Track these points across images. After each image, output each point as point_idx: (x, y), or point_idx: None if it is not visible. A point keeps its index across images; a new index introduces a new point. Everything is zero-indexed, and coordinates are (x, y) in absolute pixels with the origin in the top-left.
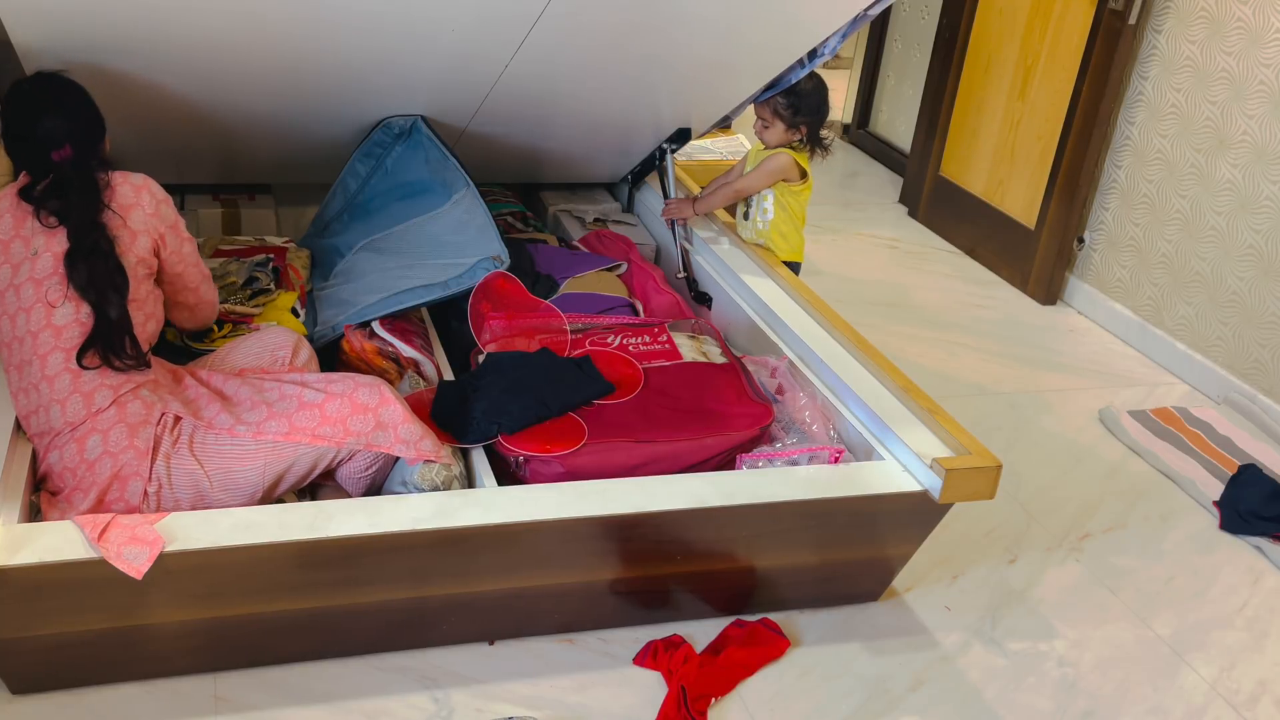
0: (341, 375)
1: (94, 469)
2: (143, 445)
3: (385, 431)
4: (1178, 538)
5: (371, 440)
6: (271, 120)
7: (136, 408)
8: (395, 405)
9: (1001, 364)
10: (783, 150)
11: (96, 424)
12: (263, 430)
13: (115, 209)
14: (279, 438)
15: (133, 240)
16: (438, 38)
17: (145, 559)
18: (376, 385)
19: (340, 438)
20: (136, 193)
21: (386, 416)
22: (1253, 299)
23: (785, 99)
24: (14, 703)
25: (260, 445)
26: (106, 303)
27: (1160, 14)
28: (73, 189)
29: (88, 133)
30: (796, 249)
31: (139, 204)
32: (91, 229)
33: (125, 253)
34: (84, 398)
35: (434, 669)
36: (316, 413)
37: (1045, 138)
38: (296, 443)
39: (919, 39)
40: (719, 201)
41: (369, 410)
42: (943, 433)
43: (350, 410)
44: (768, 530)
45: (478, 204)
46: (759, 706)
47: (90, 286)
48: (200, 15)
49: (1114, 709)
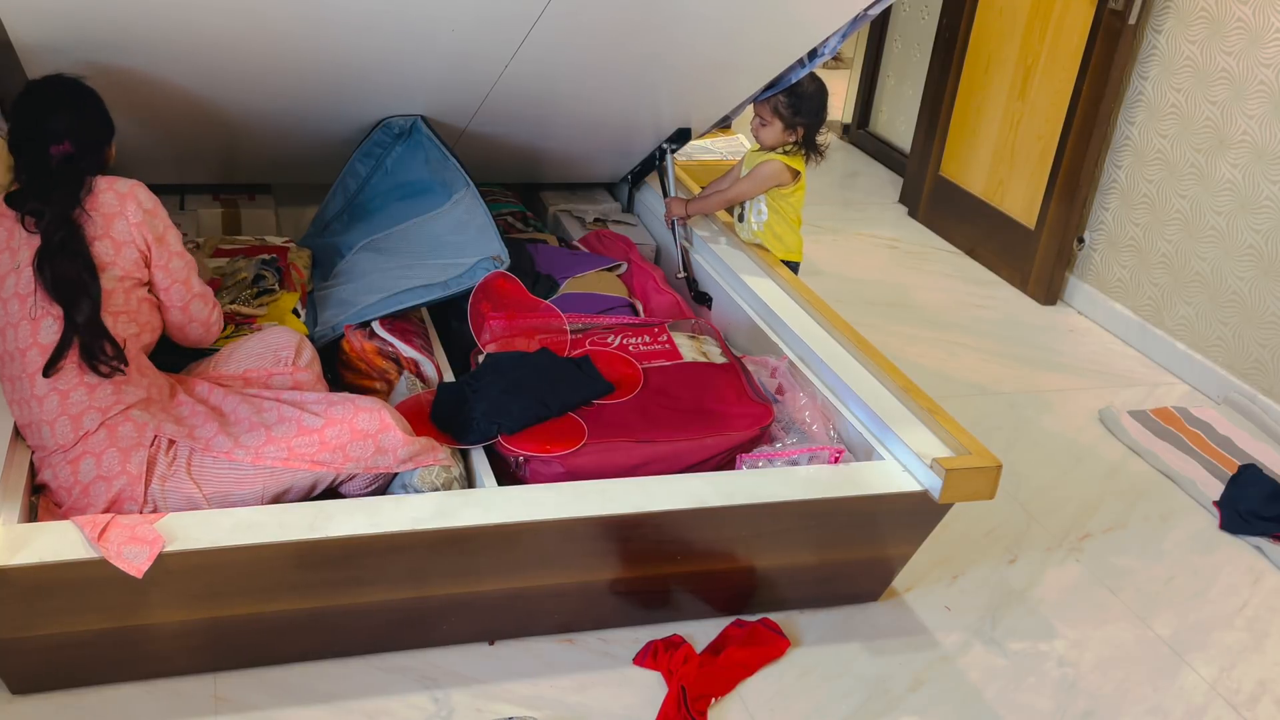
0: (341, 397)
1: (89, 492)
2: (136, 470)
3: (385, 455)
4: (1178, 538)
5: (371, 464)
6: (271, 120)
7: (128, 430)
8: (395, 431)
9: (1001, 364)
10: (773, 158)
11: (88, 446)
12: (261, 455)
13: (97, 216)
14: (277, 463)
15: (117, 251)
16: (438, 38)
17: (145, 558)
18: (377, 411)
19: (340, 463)
20: (121, 201)
21: (387, 442)
22: (1253, 299)
23: (787, 98)
24: (14, 703)
25: (259, 470)
26: (75, 306)
27: (1160, 14)
28: (56, 187)
29: (91, 133)
30: (794, 249)
31: (123, 213)
32: (62, 225)
33: (110, 264)
34: (71, 420)
35: (434, 669)
36: (315, 438)
37: (1045, 138)
38: (295, 469)
39: (919, 39)
40: (712, 206)
41: (369, 437)
42: (943, 433)
43: (350, 437)
44: (768, 530)
45: (478, 204)
46: (759, 706)
47: (57, 287)
48: (200, 14)
49: (1114, 709)
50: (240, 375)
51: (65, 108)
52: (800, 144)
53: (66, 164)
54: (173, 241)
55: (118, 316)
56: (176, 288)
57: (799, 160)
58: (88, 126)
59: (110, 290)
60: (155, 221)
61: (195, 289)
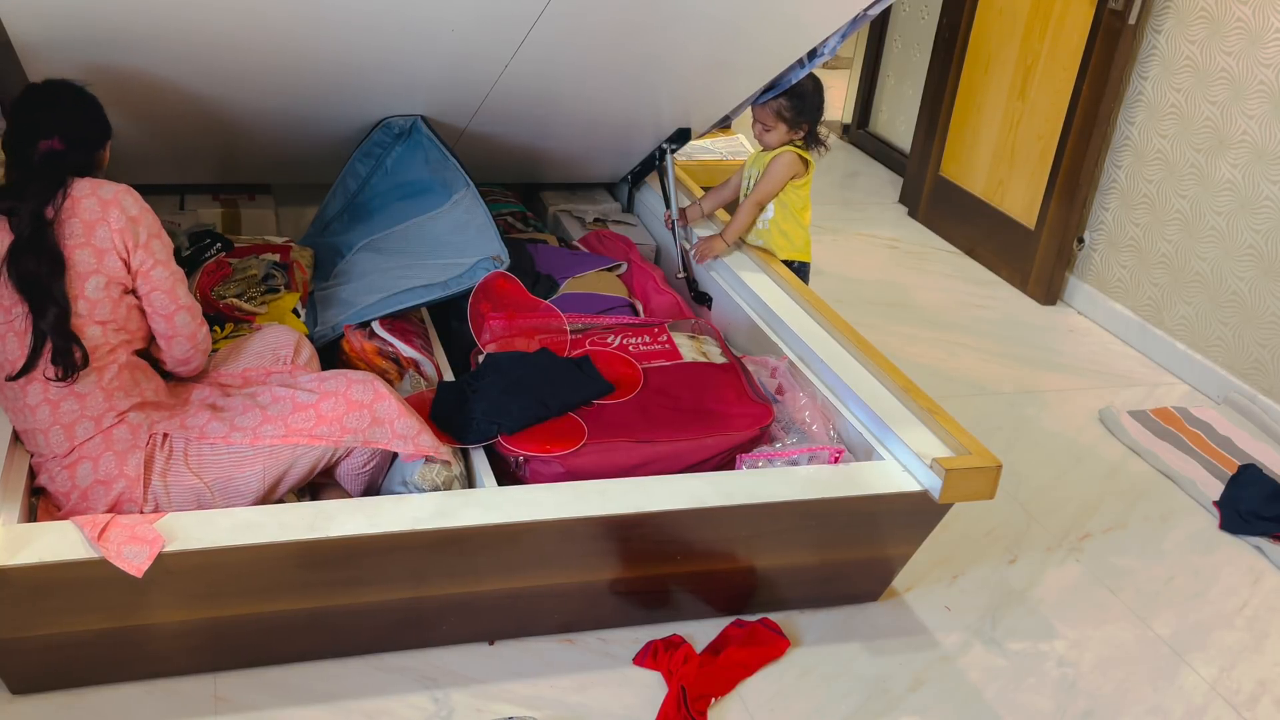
0: (334, 373)
1: (88, 497)
2: (134, 471)
3: (382, 427)
4: (1178, 538)
5: (369, 437)
6: (271, 119)
7: (123, 432)
8: (390, 400)
9: (1001, 364)
10: (785, 149)
11: (84, 452)
12: (259, 435)
13: (77, 223)
14: (276, 441)
15: (100, 259)
16: (438, 38)
17: (145, 557)
18: (370, 381)
19: (337, 436)
20: (104, 208)
21: (382, 412)
22: (1253, 299)
23: (789, 101)
24: (14, 703)
25: (258, 450)
26: (40, 307)
27: (1160, 14)
28: (33, 181)
29: (83, 130)
30: (802, 248)
31: (104, 219)
32: (32, 221)
33: (93, 272)
34: (64, 429)
35: (434, 669)
36: (312, 413)
37: (1045, 138)
38: (294, 444)
39: (919, 39)
40: (745, 220)
41: (364, 406)
42: (943, 433)
43: (346, 408)
44: (767, 530)
45: (478, 204)
46: (759, 706)
47: (22, 285)
48: (200, 14)
49: (1114, 709)
50: (240, 374)
51: (59, 106)
52: (805, 140)
53: (50, 160)
54: (157, 250)
55: (106, 325)
56: (158, 296)
57: (807, 154)
58: (79, 125)
59: (96, 300)
60: (139, 228)
61: (181, 300)
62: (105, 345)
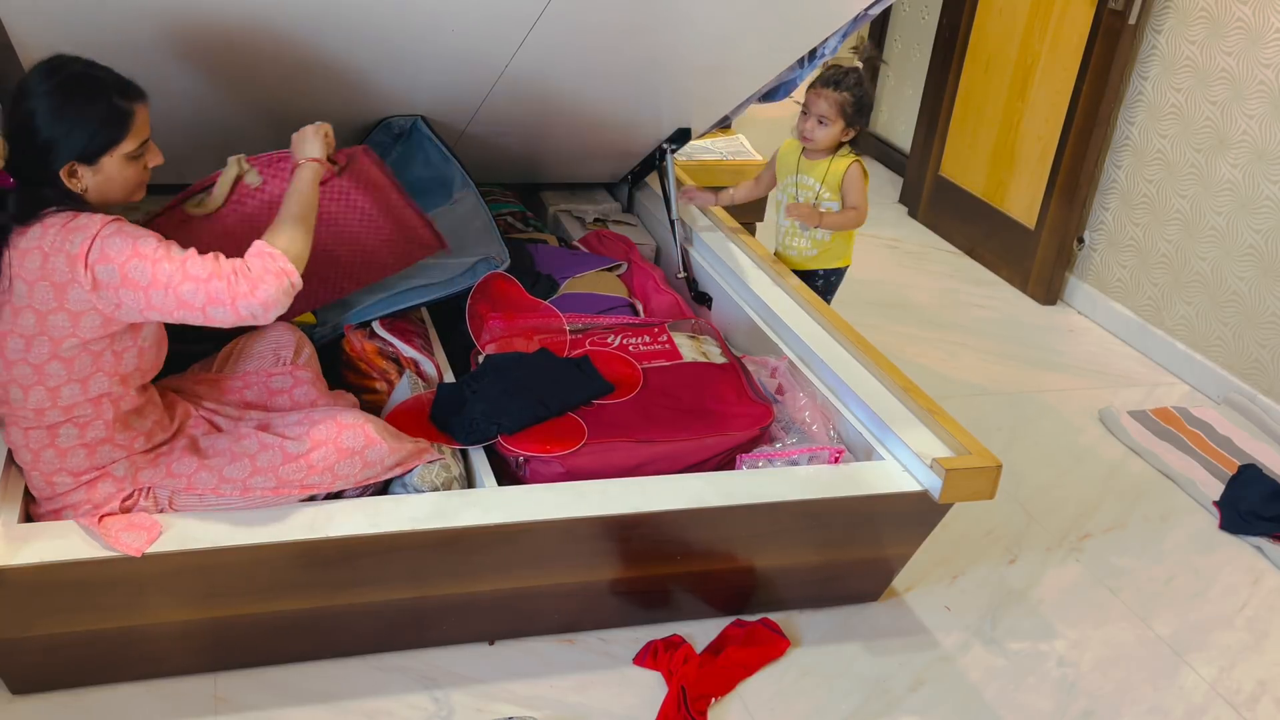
0: (323, 414)
1: None
2: None
3: (372, 468)
4: (1178, 538)
5: (361, 478)
6: (271, 120)
7: (107, 487)
8: (380, 445)
9: (1001, 364)
10: (849, 159)
11: (66, 501)
12: (249, 488)
13: (47, 286)
14: (267, 493)
15: (74, 323)
16: (438, 38)
17: (144, 540)
18: (360, 426)
19: (328, 484)
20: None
21: (373, 456)
22: (1253, 299)
23: (854, 98)
24: (14, 703)
25: (248, 503)
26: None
27: (1160, 14)
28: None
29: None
30: (846, 254)
31: (75, 280)
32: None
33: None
34: (44, 478)
35: (434, 669)
36: (303, 463)
37: (1045, 138)
38: (286, 496)
39: (919, 39)
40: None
41: (355, 454)
42: (943, 433)
43: (337, 456)
44: (767, 530)
45: (478, 204)
46: (759, 706)
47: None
48: (200, 14)
49: (1114, 709)
50: (240, 375)
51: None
52: (852, 144)
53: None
54: (135, 274)
55: (86, 383)
56: (155, 294)
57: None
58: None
59: (70, 358)
60: (111, 269)
61: (174, 277)
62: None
